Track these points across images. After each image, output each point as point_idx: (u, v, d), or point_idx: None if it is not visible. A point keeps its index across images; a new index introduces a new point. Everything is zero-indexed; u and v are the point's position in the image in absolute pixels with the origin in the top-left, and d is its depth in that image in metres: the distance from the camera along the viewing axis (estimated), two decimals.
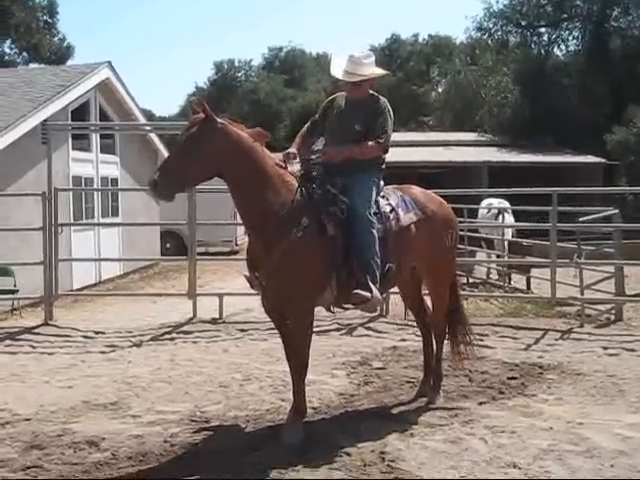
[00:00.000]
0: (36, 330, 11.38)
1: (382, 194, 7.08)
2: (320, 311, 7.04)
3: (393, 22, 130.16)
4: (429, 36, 69.87)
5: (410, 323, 8.42)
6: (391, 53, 67.96)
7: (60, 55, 44.14)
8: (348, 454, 6.09)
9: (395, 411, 7.27)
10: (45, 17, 44.11)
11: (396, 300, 7.60)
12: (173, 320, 11.91)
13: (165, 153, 23.66)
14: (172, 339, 10.74)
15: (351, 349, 9.87)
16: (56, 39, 46.09)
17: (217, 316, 12.06)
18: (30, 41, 41.47)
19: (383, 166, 7.12)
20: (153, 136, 22.39)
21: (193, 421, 7.02)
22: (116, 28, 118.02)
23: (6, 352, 10.20)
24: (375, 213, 6.75)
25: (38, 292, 12.53)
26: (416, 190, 7.55)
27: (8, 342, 10.72)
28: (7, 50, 43.27)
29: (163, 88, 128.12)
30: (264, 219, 6.34)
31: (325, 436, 6.53)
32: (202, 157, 6.10)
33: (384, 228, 6.79)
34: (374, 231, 6.63)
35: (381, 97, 7.09)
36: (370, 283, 6.52)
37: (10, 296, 13.66)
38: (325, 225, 6.50)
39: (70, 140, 17.89)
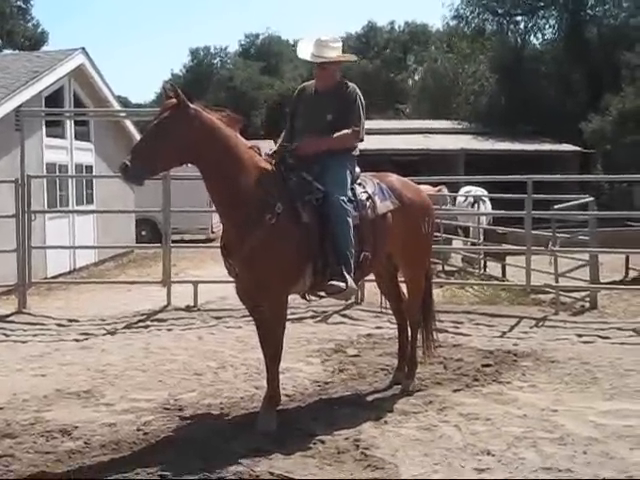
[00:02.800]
0: (9, 318, 11.30)
1: (359, 181, 7.06)
2: (295, 298, 7.04)
3: (369, 9, 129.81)
4: (405, 23, 69.93)
5: (385, 311, 8.40)
6: (368, 40, 67.93)
7: (34, 41, 43.83)
8: (322, 442, 6.07)
9: (369, 398, 7.27)
10: (19, 3, 43.79)
11: (372, 287, 7.58)
12: (147, 308, 11.83)
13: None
14: (146, 327, 10.68)
15: (326, 336, 9.86)
16: (30, 25, 45.76)
17: (192, 304, 12.01)
18: (4, 27, 41.12)
19: (356, 153, 7.08)
20: (128, 123, 22.22)
21: (167, 409, 6.98)
22: (91, 14, 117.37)
23: None
24: (350, 200, 6.71)
25: (11, 280, 12.42)
26: (393, 178, 7.54)
27: None
28: None
29: (138, 75, 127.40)
30: (237, 206, 6.29)
31: (299, 423, 6.52)
32: (174, 143, 6.02)
33: (360, 216, 6.75)
34: (349, 219, 6.58)
35: (350, 84, 7.05)
36: (345, 272, 6.48)
37: None
38: (299, 212, 6.45)
39: (44, 127, 17.73)
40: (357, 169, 7.13)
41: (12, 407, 7.11)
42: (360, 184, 7.04)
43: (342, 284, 6.48)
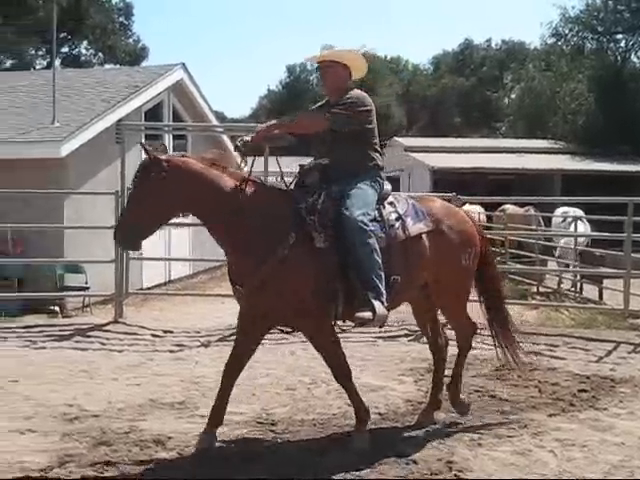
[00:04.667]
0: (106, 327, 11.50)
1: (390, 200, 6.64)
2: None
3: (466, 27, 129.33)
4: (502, 41, 69.40)
5: (479, 331, 8.23)
6: (464, 58, 67.70)
7: (135, 56, 44.77)
8: (415, 462, 6.00)
9: (463, 420, 7.16)
10: (121, 19, 44.79)
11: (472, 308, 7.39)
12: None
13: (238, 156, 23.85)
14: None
15: (419, 356, 9.75)
16: (131, 40, 46.76)
17: None
18: (106, 42, 42.11)
19: (381, 168, 6.64)
20: (225, 138, 22.51)
21: (259, 423, 7.00)
22: (190, 30, 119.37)
23: (76, 348, 10.33)
24: (377, 220, 6.32)
25: (108, 290, 12.67)
26: (436, 202, 7.14)
27: (78, 338, 10.86)
28: (83, 51, 44.09)
29: (235, 90, 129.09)
30: (245, 242, 6.03)
31: (392, 443, 6.46)
32: (156, 201, 5.84)
33: (388, 237, 6.35)
34: (371, 240, 6.11)
35: (355, 91, 6.58)
36: (372, 300, 6.04)
37: (81, 293, 13.88)
38: (313, 237, 6.07)
39: (143, 140, 18.05)
40: (387, 186, 6.69)
41: (107, 415, 7.21)
42: (391, 203, 6.61)
43: (367, 314, 6.03)
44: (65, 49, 40.67)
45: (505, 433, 6.73)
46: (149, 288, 16.77)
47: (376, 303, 6.03)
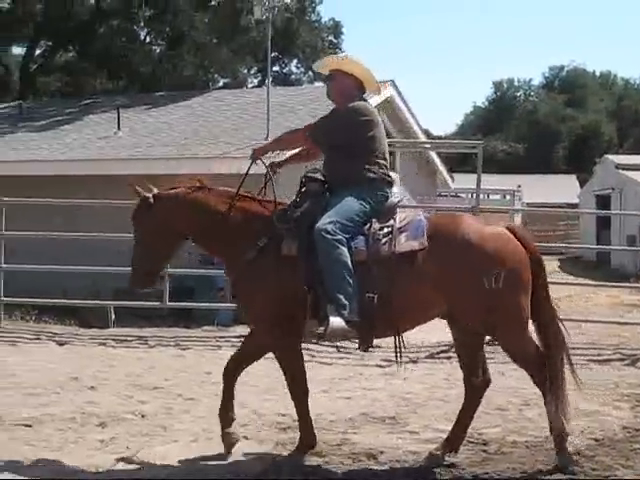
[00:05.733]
0: (314, 341, 11.69)
1: (395, 214, 6.26)
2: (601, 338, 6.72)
3: None
4: None
5: None
6: None
7: None
8: None
9: None
10: (330, 37, 45.60)
11: None
12: (449, 339, 11.79)
13: (443, 172, 23.80)
14: (448, 358, 10.66)
15: (636, 381, 9.38)
16: None
17: None
18: (315, 61, 42.98)
19: (381, 182, 6.35)
20: (433, 156, 22.54)
21: (471, 442, 6.90)
22: (397, 47, 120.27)
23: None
24: (362, 234, 6.10)
25: None
26: (456, 218, 6.55)
27: None
28: (294, 69, 45.13)
29: (439, 106, 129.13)
30: (225, 247, 6.39)
31: (609, 469, 6.23)
32: (153, 234, 6.31)
33: (369, 251, 6.04)
34: (336, 252, 5.92)
35: (356, 103, 6.42)
36: (330, 313, 5.89)
37: None
38: (279, 245, 6.12)
39: None
40: (395, 199, 6.44)
41: (319, 427, 7.26)
42: (394, 217, 6.22)
43: (322, 328, 5.94)
44: (276, 68, 41.83)
45: None
46: None
47: (332, 317, 5.89)
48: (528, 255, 6.16)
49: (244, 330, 12.73)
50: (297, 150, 7.34)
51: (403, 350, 8.49)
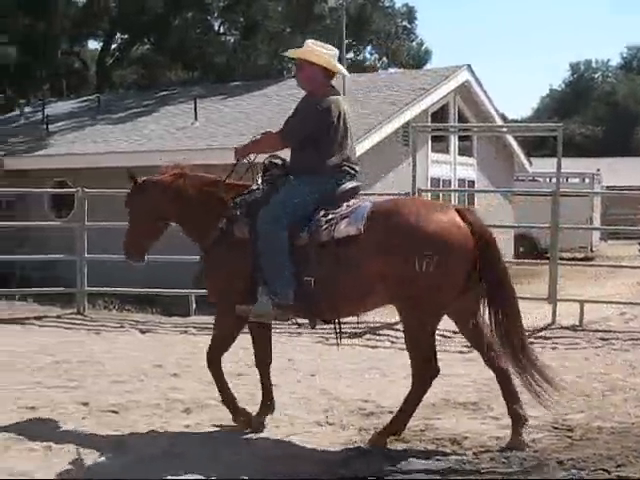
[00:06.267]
0: (395, 326, 11.68)
1: (345, 201, 6.44)
2: None
3: None
4: None
5: None
6: None
7: (418, 59, 45.29)
8: None
9: None
10: (404, 23, 45.35)
11: None
12: (529, 325, 11.70)
13: (521, 156, 23.52)
14: (530, 343, 10.54)
15: None
16: (414, 44, 47.33)
17: (577, 323, 11.73)
18: (389, 47, 42.77)
19: (327, 172, 6.50)
20: (510, 139, 22.28)
21: (555, 428, 6.81)
22: (471, 31, 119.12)
23: (367, 346, 10.60)
24: (307, 219, 6.34)
25: None
26: (404, 201, 6.97)
27: (369, 336, 11.13)
28: (367, 56, 45.07)
29: (515, 90, 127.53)
30: (196, 228, 6.93)
31: None
32: (143, 214, 7.03)
33: (310, 237, 6.28)
34: (275, 239, 6.28)
35: (320, 99, 6.59)
36: (259, 294, 6.38)
37: None
38: (232, 227, 6.62)
39: (430, 142, 18.24)
40: (347, 186, 6.54)
41: None
42: (339, 205, 6.40)
43: (243, 307, 6.47)
44: (350, 54, 41.75)
45: None
46: None
47: (262, 298, 6.37)
48: (476, 239, 6.09)
49: None
50: None
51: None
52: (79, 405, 7.48)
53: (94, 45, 41.02)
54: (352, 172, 6.63)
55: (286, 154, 6.77)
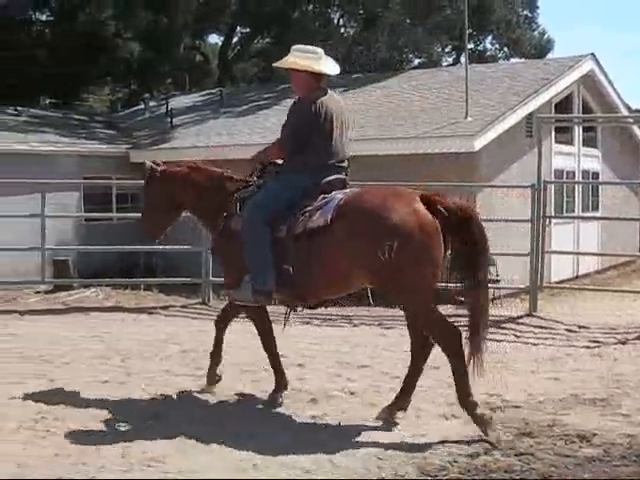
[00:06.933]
0: (520, 320, 11.58)
1: (327, 195, 6.82)
2: None
3: None
4: None
5: None
6: None
7: (540, 49, 44.42)
8: None
9: None
10: (525, 12, 44.59)
11: None
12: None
13: None
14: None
15: None
16: (536, 33, 46.46)
17: None
18: (510, 36, 42.15)
19: (307, 170, 6.95)
20: (636, 130, 21.69)
21: None
22: (595, 19, 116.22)
23: (490, 339, 10.42)
24: (287, 212, 6.83)
25: (516, 282, 12.75)
26: (372, 191, 6.94)
27: (492, 330, 10.92)
28: (488, 46, 44.43)
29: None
30: (208, 219, 7.65)
31: None
32: (157, 198, 7.82)
33: (287, 229, 6.80)
34: (256, 231, 6.84)
35: (308, 102, 7.01)
36: (243, 281, 7.04)
37: (492, 285, 14.04)
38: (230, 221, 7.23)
39: (553, 133, 17.93)
40: (328, 180, 6.94)
41: (529, 407, 7.21)
42: (316, 198, 6.84)
43: (224, 291, 7.66)
44: (470, 45, 41.30)
45: None
46: (557, 282, 16.60)
47: (244, 284, 7.05)
48: (442, 224, 6.36)
49: (445, 310, 12.82)
50: None
51: (610, 331, 8.30)
52: (206, 393, 7.68)
53: (215, 39, 41.71)
54: (338, 167, 7.06)
55: None
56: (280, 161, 7.23)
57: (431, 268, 6.42)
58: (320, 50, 7.28)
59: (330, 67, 7.29)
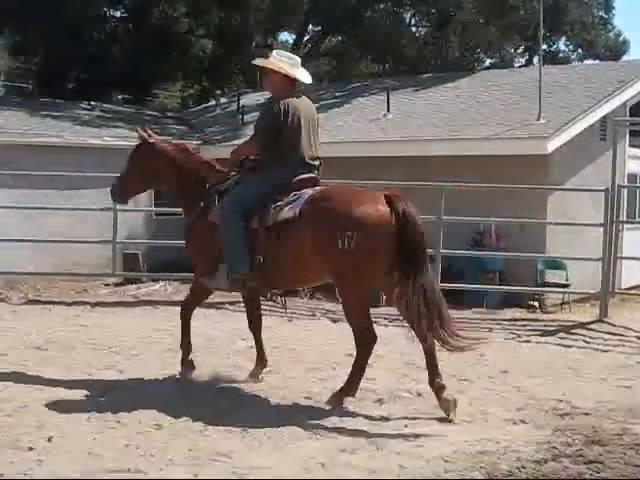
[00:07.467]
0: (590, 326, 11.44)
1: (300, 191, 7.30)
2: None
3: None
4: None
5: None
6: None
7: (615, 51, 43.71)
8: None
9: None
10: (600, 13, 43.95)
11: None
12: None
13: None
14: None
15: None
16: (611, 34, 45.74)
17: None
18: (585, 37, 41.57)
19: (278, 167, 7.44)
20: None
21: None
22: None
23: (560, 344, 10.41)
24: (261, 206, 7.31)
25: (586, 287, 12.61)
26: (333, 188, 7.74)
27: (562, 335, 10.95)
28: (562, 47, 43.85)
29: None
30: (186, 204, 8.11)
31: None
32: (137, 168, 8.27)
33: (259, 221, 7.30)
34: (231, 223, 7.33)
35: (278, 102, 7.50)
36: (221, 269, 7.52)
37: (561, 289, 13.90)
38: (207, 211, 7.70)
39: (627, 137, 17.62)
40: (299, 177, 7.43)
41: (598, 414, 7.12)
42: (290, 193, 7.31)
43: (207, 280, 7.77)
44: (544, 46, 40.81)
45: None
46: (627, 288, 16.32)
47: (219, 272, 7.54)
48: (398, 224, 6.84)
49: (513, 314, 12.74)
50: None
51: None
52: (278, 390, 7.72)
53: (286, 37, 41.86)
54: (309, 166, 7.53)
55: None
56: (254, 157, 7.74)
57: (380, 264, 6.94)
58: (298, 59, 7.80)
59: (304, 76, 7.79)
